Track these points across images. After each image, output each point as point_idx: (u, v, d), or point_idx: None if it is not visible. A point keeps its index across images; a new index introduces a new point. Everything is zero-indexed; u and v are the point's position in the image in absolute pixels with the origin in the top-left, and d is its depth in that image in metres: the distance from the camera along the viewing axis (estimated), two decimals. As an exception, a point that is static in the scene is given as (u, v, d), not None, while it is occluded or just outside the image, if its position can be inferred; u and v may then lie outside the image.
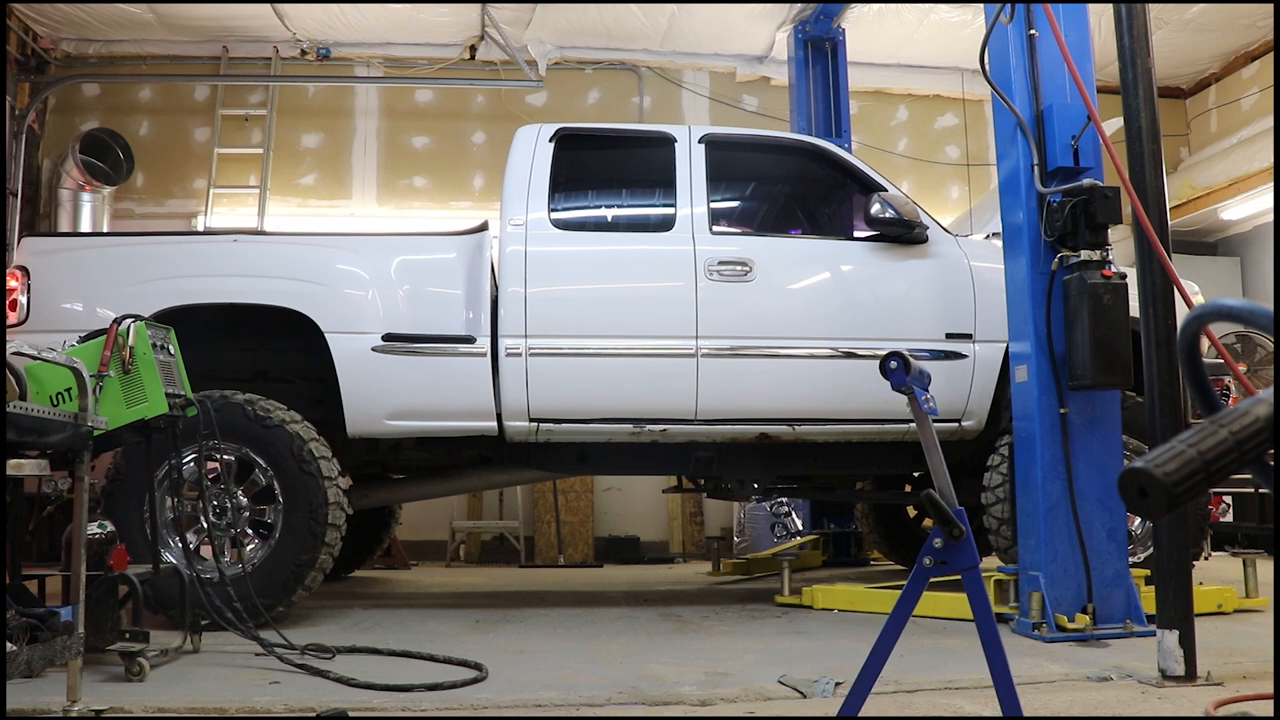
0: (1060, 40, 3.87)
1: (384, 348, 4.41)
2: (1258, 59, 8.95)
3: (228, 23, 8.36)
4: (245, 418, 4.25)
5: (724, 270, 4.55)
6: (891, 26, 8.46)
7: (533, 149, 4.74)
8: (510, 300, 4.47)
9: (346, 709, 2.72)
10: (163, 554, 4.03)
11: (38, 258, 4.50)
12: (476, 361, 4.44)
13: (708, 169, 4.74)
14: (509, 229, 4.57)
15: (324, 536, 4.22)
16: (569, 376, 4.46)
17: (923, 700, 2.89)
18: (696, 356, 4.48)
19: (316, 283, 4.47)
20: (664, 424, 4.52)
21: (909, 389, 2.38)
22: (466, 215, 8.78)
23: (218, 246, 4.67)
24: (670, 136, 4.84)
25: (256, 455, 4.27)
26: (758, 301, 4.55)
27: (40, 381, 3.18)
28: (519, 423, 4.48)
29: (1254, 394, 0.93)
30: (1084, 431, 3.93)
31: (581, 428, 4.53)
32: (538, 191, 4.64)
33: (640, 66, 9.04)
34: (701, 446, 4.73)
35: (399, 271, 4.53)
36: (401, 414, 4.44)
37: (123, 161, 8.11)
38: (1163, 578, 3.16)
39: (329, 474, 4.29)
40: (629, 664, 3.43)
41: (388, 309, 4.46)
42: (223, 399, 4.26)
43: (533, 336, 4.44)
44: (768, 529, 7.85)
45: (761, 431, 4.59)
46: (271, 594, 4.17)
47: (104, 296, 4.42)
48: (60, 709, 2.65)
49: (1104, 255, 3.86)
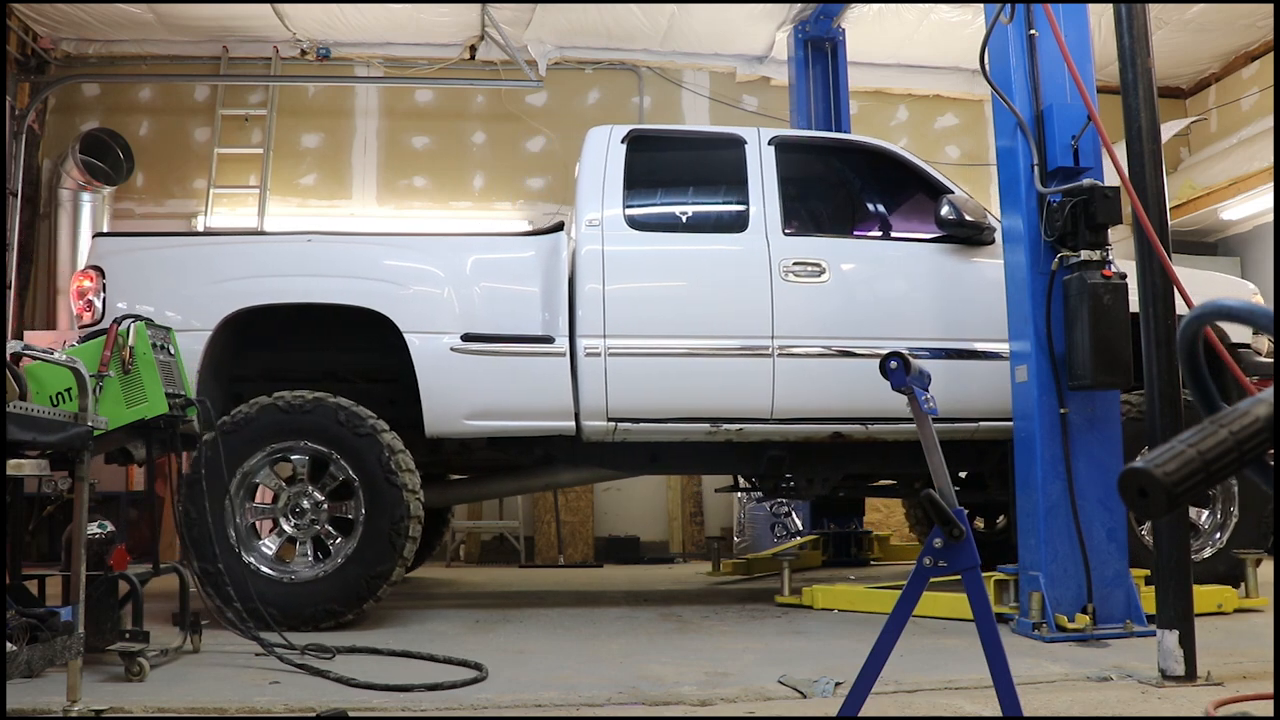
0: (1060, 40, 3.87)
1: (463, 348, 4.42)
2: (1258, 59, 8.95)
3: (228, 23, 8.36)
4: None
5: (798, 270, 4.58)
6: (891, 26, 8.46)
7: (605, 150, 4.77)
8: (588, 300, 4.48)
9: (346, 709, 2.72)
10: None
11: (112, 257, 4.49)
12: (556, 361, 4.46)
13: (777, 170, 4.77)
14: (585, 229, 4.58)
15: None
16: (647, 376, 4.47)
17: (923, 700, 2.89)
18: (773, 356, 4.50)
19: (394, 283, 4.47)
20: (740, 423, 4.53)
21: (909, 389, 2.39)
22: (467, 215, 8.80)
23: (294, 246, 4.67)
24: (740, 138, 4.87)
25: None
26: (831, 302, 4.58)
27: (40, 381, 3.19)
28: (597, 422, 4.48)
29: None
30: (1084, 431, 3.92)
31: (659, 427, 4.52)
32: (612, 192, 4.66)
33: (640, 66, 9.04)
34: (775, 446, 4.75)
35: (475, 271, 4.54)
36: (480, 414, 4.44)
37: (123, 161, 8.11)
38: (1163, 578, 3.15)
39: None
40: (629, 664, 3.43)
41: (465, 309, 4.47)
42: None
43: (611, 336, 4.45)
44: (768, 529, 7.85)
45: (835, 430, 4.60)
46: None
47: (181, 296, 4.42)
48: (60, 709, 2.65)
49: (1104, 255, 3.86)
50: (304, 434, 4.23)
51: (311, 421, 4.20)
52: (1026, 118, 4.03)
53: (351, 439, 4.21)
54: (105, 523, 3.62)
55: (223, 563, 4.08)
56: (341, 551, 4.24)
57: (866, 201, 5.47)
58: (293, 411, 4.23)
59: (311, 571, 4.22)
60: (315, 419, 4.21)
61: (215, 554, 4.08)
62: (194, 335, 4.31)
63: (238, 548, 4.15)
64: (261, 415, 4.24)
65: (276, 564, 4.28)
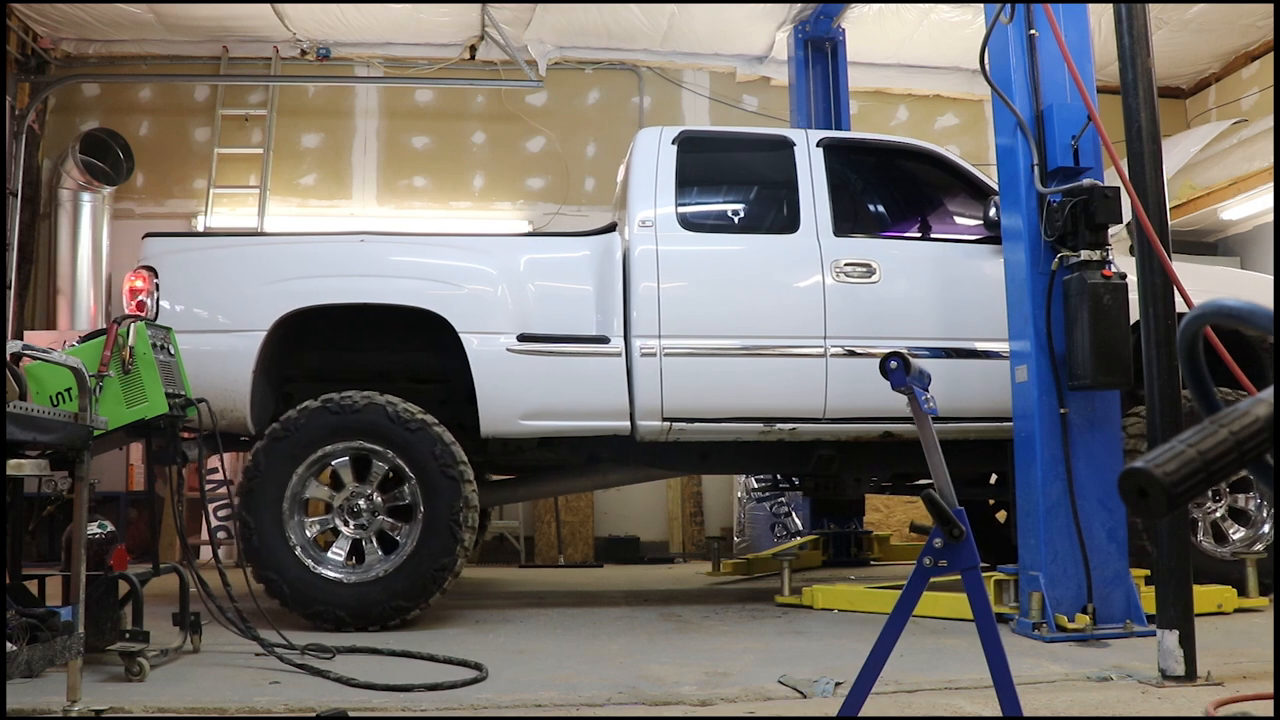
0: (1060, 40, 3.87)
1: (520, 348, 4.43)
2: (1258, 59, 8.95)
3: (228, 23, 8.36)
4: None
5: (849, 271, 4.61)
6: (891, 26, 8.45)
7: (656, 151, 4.79)
8: (642, 299, 4.50)
9: (346, 709, 2.72)
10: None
11: (165, 257, 4.49)
12: (612, 361, 4.47)
13: (826, 171, 4.80)
14: (638, 229, 4.60)
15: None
16: (702, 376, 4.49)
17: (923, 700, 2.89)
18: (825, 356, 4.52)
19: (450, 284, 4.48)
20: (793, 423, 4.54)
21: (909, 389, 2.38)
22: (467, 215, 8.80)
23: (351, 247, 4.67)
24: (789, 140, 4.90)
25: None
26: (882, 302, 4.61)
27: (40, 381, 3.19)
28: (652, 422, 4.49)
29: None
30: (1084, 431, 3.92)
31: (712, 427, 4.54)
32: (665, 192, 4.69)
33: (640, 66, 9.04)
34: (825, 445, 4.77)
35: (528, 272, 4.55)
36: (536, 414, 4.45)
37: (123, 161, 8.11)
38: (1163, 578, 3.15)
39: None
40: (629, 664, 3.43)
41: (520, 309, 4.48)
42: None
43: (666, 336, 4.47)
44: (768, 529, 7.85)
45: (885, 430, 4.61)
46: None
47: (235, 296, 4.43)
48: (60, 709, 2.65)
49: (1104, 255, 3.86)
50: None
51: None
52: (1026, 118, 4.03)
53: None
54: (105, 523, 3.62)
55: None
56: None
57: (911, 203, 5.50)
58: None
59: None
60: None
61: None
62: (249, 335, 4.34)
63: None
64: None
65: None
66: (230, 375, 4.33)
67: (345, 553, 4.32)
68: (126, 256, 8.27)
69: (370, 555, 4.31)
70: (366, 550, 4.32)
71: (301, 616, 4.16)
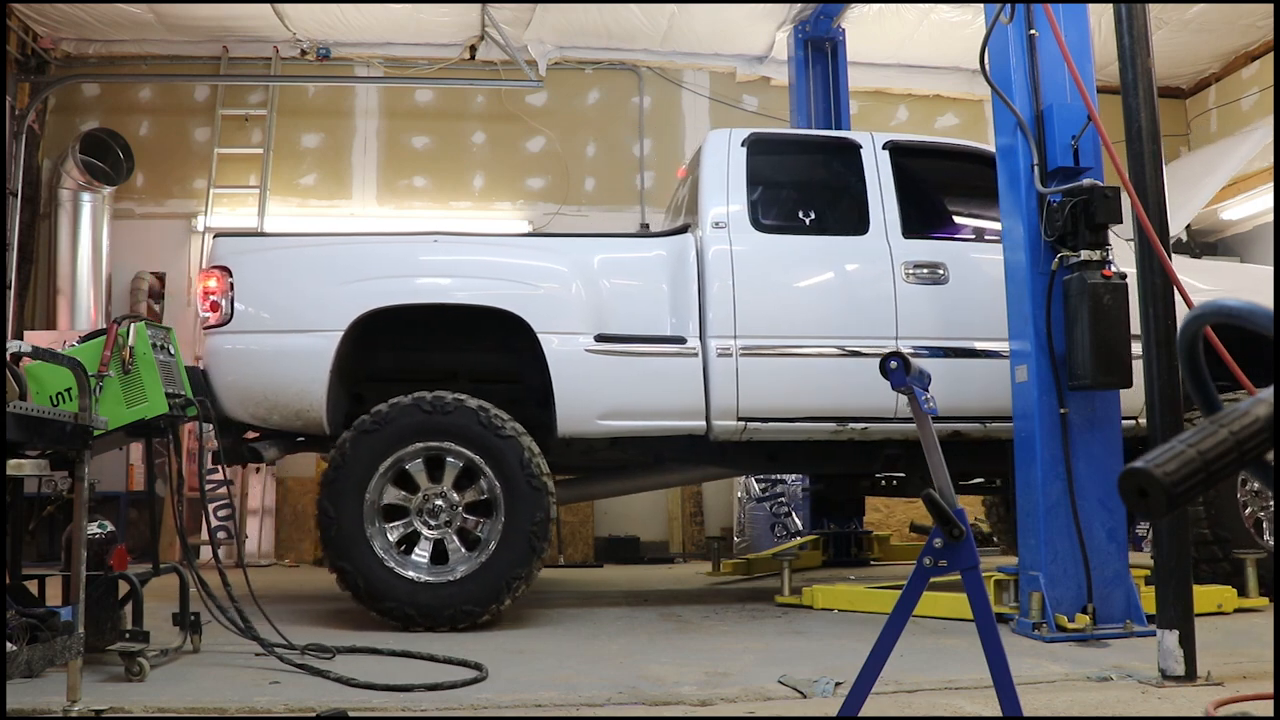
0: (1060, 40, 3.87)
1: (597, 348, 4.43)
2: (1258, 59, 8.95)
3: (228, 23, 8.36)
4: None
5: (919, 272, 4.65)
6: (891, 26, 8.46)
7: (727, 153, 4.81)
8: (718, 300, 4.51)
9: (346, 709, 2.72)
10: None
11: (238, 257, 4.47)
12: (689, 361, 4.48)
13: (893, 173, 4.83)
14: (711, 230, 4.62)
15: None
16: (777, 376, 4.50)
17: (923, 700, 2.89)
18: None
19: (527, 284, 4.48)
20: (865, 422, 4.56)
21: (909, 389, 2.38)
22: (467, 215, 8.80)
23: (428, 247, 4.67)
24: (855, 143, 4.94)
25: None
26: (952, 303, 4.64)
27: (40, 381, 3.19)
28: (727, 422, 4.50)
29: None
30: (1084, 431, 3.92)
31: (786, 426, 4.55)
32: (736, 193, 4.71)
33: (640, 66, 9.05)
34: (894, 444, 4.79)
35: (604, 272, 4.56)
36: (613, 414, 4.45)
37: (123, 161, 8.11)
38: (1163, 578, 3.15)
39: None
40: (629, 664, 3.43)
41: (595, 310, 4.48)
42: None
43: (742, 336, 4.49)
44: (768, 529, 7.85)
45: (954, 429, 4.62)
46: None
47: (312, 296, 4.41)
48: (60, 709, 2.65)
49: (1104, 255, 3.85)
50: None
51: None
52: (1026, 117, 4.03)
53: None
54: (105, 523, 3.63)
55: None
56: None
57: (971, 205, 5.52)
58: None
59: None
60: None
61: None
62: (326, 335, 4.33)
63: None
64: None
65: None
66: (307, 375, 4.32)
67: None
68: (126, 256, 8.29)
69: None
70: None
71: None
